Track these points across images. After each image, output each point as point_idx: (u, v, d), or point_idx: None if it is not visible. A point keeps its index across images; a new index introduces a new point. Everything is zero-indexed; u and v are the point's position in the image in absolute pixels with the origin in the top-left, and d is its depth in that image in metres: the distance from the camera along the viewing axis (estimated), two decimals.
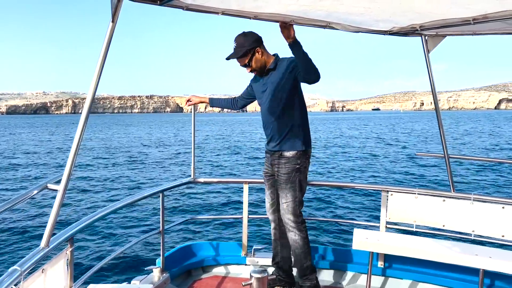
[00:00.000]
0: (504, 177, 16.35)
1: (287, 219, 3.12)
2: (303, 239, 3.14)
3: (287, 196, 3.09)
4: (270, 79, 3.10)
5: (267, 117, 3.16)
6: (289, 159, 3.08)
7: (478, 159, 4.22)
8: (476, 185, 14.68)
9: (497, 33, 2.94)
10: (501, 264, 2.78)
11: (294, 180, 3.08)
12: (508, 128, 57.99)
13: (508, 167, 18.03)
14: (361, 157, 24.55)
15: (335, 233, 8.44)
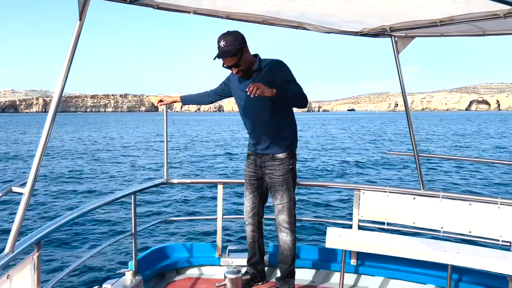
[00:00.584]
0: (472, 175, 16.93)
1: (282, 220, 3.14)
2: (293, 242, 3.19)
3: (282, 197, 3.11)
4: (257, 80, 2.97)
5: (255, 120, 3.11)
6: (283, 160, 3.09)
7: (446, 158, 4.38)
8: (444, 183, 15.14)
9: (463, 35, 3.05)
10: (468, 259, 2.88)
11: (289, 181, 3.12)
12: (471, 128, 60.11)
13: (476, 165, 18.68)
14: (334, 156, 24.91)
15: (308, 232, 8.53)
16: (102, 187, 14.90)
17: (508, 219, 3.03)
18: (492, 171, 17.36)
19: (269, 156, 3.10)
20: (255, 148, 3.18)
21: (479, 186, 14.61)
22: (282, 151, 3.08)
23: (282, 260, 3.21)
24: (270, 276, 3.53)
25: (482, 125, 71.59)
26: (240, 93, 3.15)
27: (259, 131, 3.11)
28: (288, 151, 3.10)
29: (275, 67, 2.98)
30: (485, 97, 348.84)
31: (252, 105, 3.09)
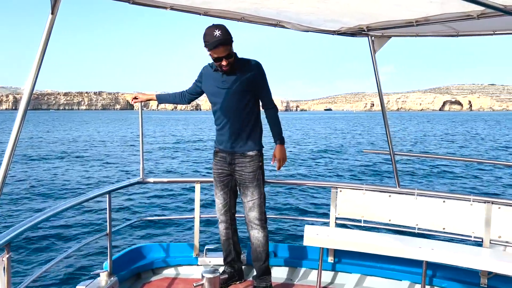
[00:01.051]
0: (446, 172, 17.37)
1: (253, 217, 3.16)
2: (265, 238, 3.22)
3: (253, 194, 3.14)
4: (237, 77, 3.06)
5: (231, 117, 3.12)
6: (253, 157, 3.14)
7: (422, 156, 4.46)
8: (419, 181, 15.48)
9: (438, 35, 3.11)
10: (442, 255, 2.94)
11: (260, 178, 3.16)
12: (442, 127, 61.69)
13: (449, 163, 19.17)
14: (312, 154, 25.12)
15: (286, 231, 8.57)
16: (76, 187, 14.59)
17: (480, 216, 3.12)
18: (465, 169, 17.88)
19: (240, 153, 3.14)
20: (225, 146, 3.19)
21: (453, 184, 15.02)
22: (253, 148, 3.14)
23: (256, 258, 3.23)
24: (248, 275, 3.53)
25: (466, 124, 73.48)
26: (216, 90, 3.14)
27: (234, 128, 3.12)
28: (258, 148, 3.16)
29: (256, 70, 3.09)
30: (457, 98, 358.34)
31: (229, 103, 3.10)
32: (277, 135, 3.16)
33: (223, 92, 3.10)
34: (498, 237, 3.07)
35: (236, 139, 3.13)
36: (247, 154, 3.14)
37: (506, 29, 2.85)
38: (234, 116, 3.11)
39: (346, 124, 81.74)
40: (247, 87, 3.06)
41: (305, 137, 42.67)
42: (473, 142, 35.40)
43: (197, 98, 3.50)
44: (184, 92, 3.47)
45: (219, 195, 3.31)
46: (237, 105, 3.08)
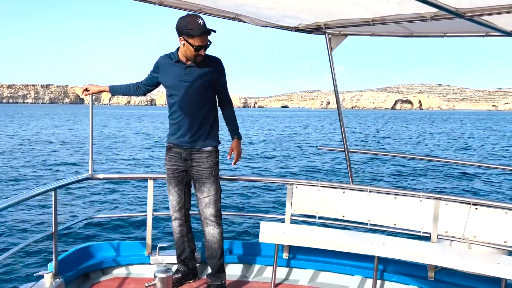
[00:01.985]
0: (398, 169, 18.10)
1: (208, 213, 3.13)
2: (220, 234, 3.20)
3: (210, 190, 3.11)
4: (200, 71, 3.03)
5: (188, 111, 3.07)
6: (210, 153, 3.12)
7: (375, 153, 4.59)
8: (372, 178, 16.03)
9: (393, 35, 3.21)
10: (393, 250, 3.06)
11: (216, 174, 3.15)
12: (398, 126, 64.32)
13: (402, 161, 19.97)
14: (268, 151, 25.32)
15: (242, 227, 8.59)
16: (20, 184, 13.84)
17: (428, 212, 3.27)
18: (416, 166, 18.70)
19: (197, 149, 3.10)
20: (181, 141, 3.13)
21: (404, 181, 15.67)
22: (210, 144, 3.13)
23: (211, 255, 3.20)
24: (203, 273, 3.50)
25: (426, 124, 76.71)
26: (177, 82, 3.07)
27: (192, 123, 3.07)
28: (216, 144, 3.16)
29: (218, 67, 3.10)
30: (408, 97, 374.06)
31: (190, 97, 3.05)
32: (235, 130, 3.19)
33: (184, 85, 3.04)
34: (445, 232, 3.22)
35: (194, 134, 3.09)
36: (204, 150, 3.11)
37: (457, 31, 2.98)
38: (194, 110, 3.06)
39: (303, 121, 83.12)
40: (209, 82, 3.05)
41: (262, 133, 42.96)
42: (424, 141, 37.12)
43: (153, 90, 3.41)
44: (139, 84, 3.35)
45: (173, 192, 3.25)
46: (198, 100, 3.05)
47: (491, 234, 3.07)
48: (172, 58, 3.09)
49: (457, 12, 2.20)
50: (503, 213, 3.05)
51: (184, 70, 3.03)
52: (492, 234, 3.07)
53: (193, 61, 3.00)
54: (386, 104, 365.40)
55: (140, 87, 3.34)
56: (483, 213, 3.11)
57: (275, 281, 3.37)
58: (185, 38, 2.90)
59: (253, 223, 8.65)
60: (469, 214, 3.13)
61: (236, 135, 3.19)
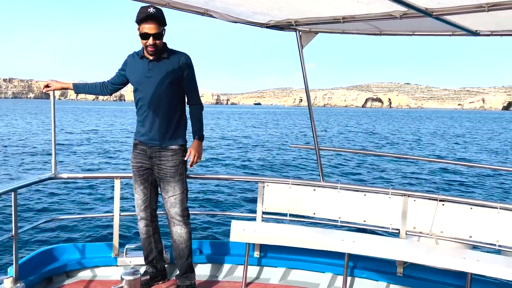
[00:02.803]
0: (368, 167, 18.47)
1: (174, 213, 3.10)
2: (188, 234, 3.17)
3: (175, 189, 3.07)
4: (164, 67, 2.99)
5: (153, 107, 3.03)
6: (176, 151, 3.08)
7: (345, 151, 4.68)
8: (342, 175, 16.30)
9: (362, 33, 3.27)
10: (363, 247, 3.12)
11: (182, 173, 3.11)
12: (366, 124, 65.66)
13: (372, 158, 20.40)
14: (239, 149, 25.32)
15: (213, 226, 8.56)
16: None
17: (397, 208, 3.35)
18: (385, 164, 19.15)
19: (162, 147, 3.06)
20: (146, 138, 3.09)
21: (374, 178, 16.02)
22: (176, 142, 3.08)
23: (178, 255, 3.17)
24: (172, 274, 3.46)
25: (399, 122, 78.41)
26: (142, 78, 3.05)
27: (157, 120, 3.03)
28: (182, 143, 3.11)
29: (185, 63, 3.04)
30: (378, 95, 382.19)
31: (154, 93, 3.01)
32: (198, 131, 3.11)
33: (148, 81, 3.01)
34: (413, 228, 3.31)
35: (159, 132, 3.04)
36: (170, 148, 3.07)
37: (425, 30, 3.06)
38: (158, 107, 3.02)
39: (276, 118, 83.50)
40: (174, 79, 3.01)
41: (233, 131, 42.91)
42: (394, 138, 38.05)
43: (121, 88, 3.36)
44: (105, 83, 3.31)
45: (139, 190, 3.20)
46: (163, 96, 3.00)
47: (457, 229, 3.18)
48: (138, 54, 3.08)
49: (426, 11, 2.26)
50: (468, 208, 3.16)
51: (148, 66, 3.01)
52: (458, 229, 3.18)
53: (150, 54, 2.96)
54: (357, 102, 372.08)
55: (107, 86, 3.30)
56: (450, 209, 3.21)
57: (246, 280, 3.38)
58: (137, 29, 2.90)
59: (224, 222, 8.63)
60: (436, 210, 3.23)
61: (197, 135, 3.10)
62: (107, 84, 3.29)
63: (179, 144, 3.09)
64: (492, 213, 3.08)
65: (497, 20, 2.59)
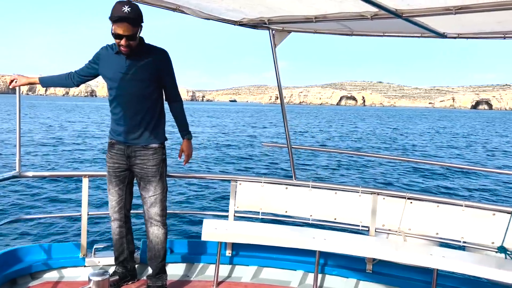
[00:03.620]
0: (340, 165, 18.74)
1: (154, 213, 3.08)
2: (165, 235, 3.15)
3: (156, 188, 3.05)
4: (141, 64, 2.91)
5: (130, 105, 2.96)
6: (156, 150, 3.05)
7: (317, 150, 4.76)
8: (314, 173, 16.50)
9: (334, 33, 3.33)
10: (333, 244, 3.19)
11: (162, 172, 3.09)
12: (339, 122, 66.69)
13: (344, 157, 20.71)
14: (211, 147, 25.26)
15: (185, 225, 8.53)
16: None
17: (367, 206, 3.44)
18: (356, 162, 19.49)
19: (142, 146, 3.02)
20: (124, 137, 3.03)
21: (345, 176, 16.29)
22: (156, 141, 3.06)
23: (153, 256, 3.16)
24: (142, 274, 3.44)
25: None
26: (117, 75, 2.95)
27: (136, 118, 2.98)
28: (162, 141, 3.10)
29: (163, 59, 3.00)
30: (352, 93, 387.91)
31: (132, 90, 2.94)
32: (185, 130, 3.15)
33: (124, 78, 2.93)
34: (382, 225, 3.41)
35: (138, 131, 2.99)
36: (150, 147, 3.03)
37: (395, 31, 3.16)
38: (136, 105, 2.96)
39: (252, 116, 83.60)
40: (151, 75, 2.95)
41: (207, 129, 42.73)
42: (364, 137, 38.77)
43: (88, 81, 3.26)
44: (72, 74, 3.18)
45: (114, 192, 3.15)
46: (141, 94, 2.95)
47: (424, 226, 3.30)
48: (113, 49, 2.98)
49: (396, 12, 2.34)
50: (435, 206, 3.28)
51: (125, 62, 2.92)
52: (425, 226, 3.29)
53: (124, 54, 2.87)
54: (332, 100, 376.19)
55: (73, 77, 3.18)
56: (417, 207, 3.33)
57: (217, 279, 3.40)
58: (111, 26, 2.80)
59: (196, 221, 8.61)
60: (405, 208, 3.33)
61: (186, 135, 3.14)
62: (74, 75, 3.18)
63: (159, 142, 3.07)
64: (457, 211, 3.21)
65: (463, 23, 2.70)
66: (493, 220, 3.11)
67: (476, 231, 3.15)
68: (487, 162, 23.49)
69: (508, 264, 2.91)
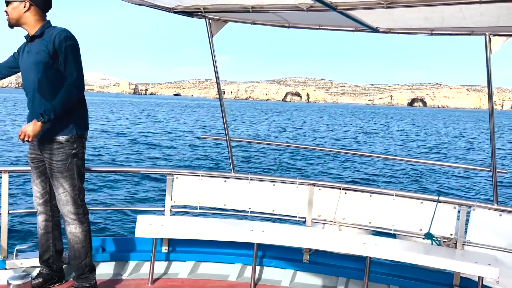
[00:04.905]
0: (277, 158, 19.02)
1: (66, 211, 2.91)
2: (84, 233, 2.98)
3: (64, 186, 2.87)
4: (38, 47, 2.78)
5: (32, 93, 2.82)
6: (63, 144, 2.85)
7: (256, 142, 4.79)
8: (253, 166, 16.63)
9: (271, 24, 3.34)
10: (271, 236, 3.22)
11: (72, 168, 2.88)
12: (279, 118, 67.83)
13: (282, 149, 20.97)
14: (147, 141, 24.74)
15: (118, 223, 8.26)
16: None
17: (304, 197, 3.52)
18: (293, 155, 19.88)
19: (49, 138, 2.84)
20: None
21: (283, 168, 16.58)
22: (63, 133, 2.84)
23: (74, 256, 3.00)
24: (71, 275, 3.28)
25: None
26: (21, 62, 2.89)
27: (38, 107, 2.78)
28: (71, 134, 2.87)
29: (59, 38, 2.76)
30: (297, 90, 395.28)
31: (31, 76, 2.80)
32: (47, 111, 2.70)
33: (26, 64, 2.82)
34: (319, 216, 3.50)
35: None
36: (56, 140, 2.83)
37: (330, 25, 3.22)
38: (38, 92, 2.80)
39: (197, 111, 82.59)
40: (49, 59, 2.74)
41: (143, 122, 41.79)
42: (306, 131, 39.70)
43: (14, 74, 3.07)
44: None
45: (37, 183, 3.01)
46: (41, 80, 2.77)
47: (358, 216, 3.42)
48: (27, 38, 2.90)
49: (331, 4, 2.38)
50: (368, 196, 3.42)
51: (26, 47, 2.85)
52: (359, 216, 3.42)
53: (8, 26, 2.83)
54: (278, 96, 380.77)
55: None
56: (351, 197, 3.45)
57: (152, 277, 3.32)
58: None
59: (131, 217, 8.36)
60: (340, 198, 3.44)
61: (42, 116, 2.68)
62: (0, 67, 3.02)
63: (66, 135, 2.85)
64: (389, 200, 3.36)
65: (394, 18, 2.81)
66: (421, 208, 3.29)
67: (405, 219, 3.32)
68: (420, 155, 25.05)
69: (434, 250, 3.09)
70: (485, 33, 2.75)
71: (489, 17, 2.47)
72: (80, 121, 2.93)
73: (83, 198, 3.01)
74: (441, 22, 2.75)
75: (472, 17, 2.52)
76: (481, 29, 2.75)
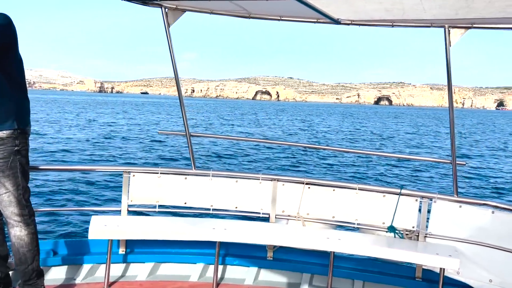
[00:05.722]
0: (240, 153, 18.92)
1: (10, 212, 2.72)
2: (30, 236, 2.79)
3: (6, 185, 2.69)
4: None
5: None
6: (4, 140, 2.67)
7: (217, 137, 4.69)
8: (215, 162, 16.46)
9: (231, 14, 3.24)
10: (234, 234, 3.13)
11: (15, 165, 2.70)
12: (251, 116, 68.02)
13: (243, 144, 20.81)
14: (101, 137, 24.22)
15: (70, 224, 7.96)
16: None
17: (267, 193, 3.44)
18: (257, 150, 19.83)
19: None
20: None
21: (246, 163, 16.49)
22: (2, 127, 2.66)
23: (19, 261, 2.81)
24: (17, 282, 3.07)
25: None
26: None
27: None
28: (12, 129, 2.69)
29: None
30: (267, 88, 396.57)
31: None
32: None
33: None
34: (282, 211, 3.44)
35: None
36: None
37: (291, 15, 3.15)
38: None
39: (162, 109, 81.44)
40: None
41: (103, 119, 41.01)
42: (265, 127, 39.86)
43: None
44: None
45: None
46: None
47: (321, 211, 3.38)
48: None
49: None
50: (331, 190, 3.38)
51: None
52: (323, 210, 3.38)
53: None
54: (248, 94, 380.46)
55: None
56: (315, 192, 3.40)
57: (108, 280, 3.17)
58: None
59: (85, 218, 8.06)
60: (303, 193, 3.38)
61: None
62: None
63: (7, 130, 2.67)
64: (352, 194, 3.33)
65: (356, 9, 2.77)
66: (384, 201, 3.27)
67: (368, 213, 3.30)
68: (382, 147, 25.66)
69: (396, 243, 3.08)
70: (445, 25, 2.76)
71: (447, 10, 2.48)
72: (21, 115, 2.75)
73: (28, 198, 2.82)
74: (402, 14, 2.74)
75: (432, 10, 2.53)
76: (440, 21, 2.76)
